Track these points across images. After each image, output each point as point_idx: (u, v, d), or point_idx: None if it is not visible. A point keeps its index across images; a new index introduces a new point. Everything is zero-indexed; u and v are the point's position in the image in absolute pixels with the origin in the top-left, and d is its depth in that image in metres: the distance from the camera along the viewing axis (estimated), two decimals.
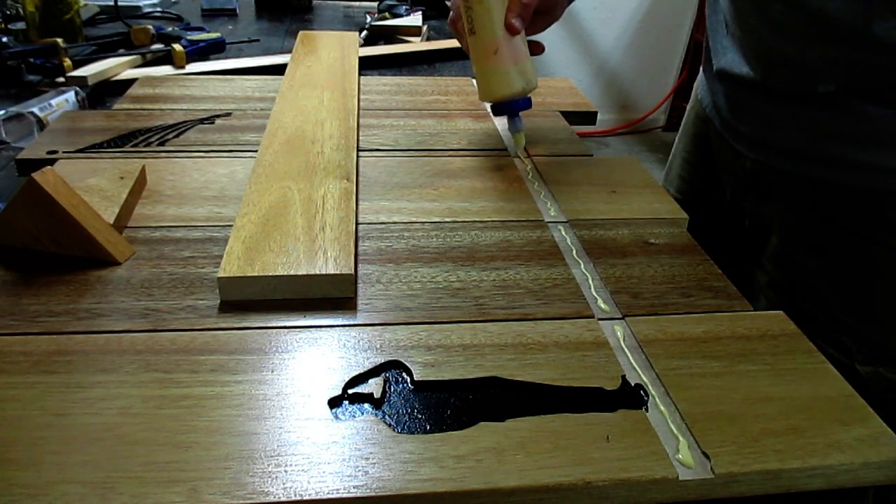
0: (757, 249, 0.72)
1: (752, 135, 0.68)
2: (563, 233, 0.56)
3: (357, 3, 1.57)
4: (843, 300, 0.64)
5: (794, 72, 0.60)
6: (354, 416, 0.37)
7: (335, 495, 0.32)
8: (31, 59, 0.93)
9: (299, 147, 0.64)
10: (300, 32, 1.07)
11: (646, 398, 0.39)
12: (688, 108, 0.85)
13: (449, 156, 0.69)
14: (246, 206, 0.53)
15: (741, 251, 0.73)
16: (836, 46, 0.56)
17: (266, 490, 0.32)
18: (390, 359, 0.41)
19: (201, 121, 0.74)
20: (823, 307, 0.65)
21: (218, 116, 0.75)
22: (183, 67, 0.99)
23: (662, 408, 0.38)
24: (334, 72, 0.88)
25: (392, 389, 0.39)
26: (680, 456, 0.35)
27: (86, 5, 1.24)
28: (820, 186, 0.63)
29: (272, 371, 0.39)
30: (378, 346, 0.42)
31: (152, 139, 0.69)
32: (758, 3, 0.61)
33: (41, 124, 0.75)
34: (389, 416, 0.37)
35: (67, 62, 0.92)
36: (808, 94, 0.60)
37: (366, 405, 0.37)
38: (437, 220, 0.57)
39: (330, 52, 0.97)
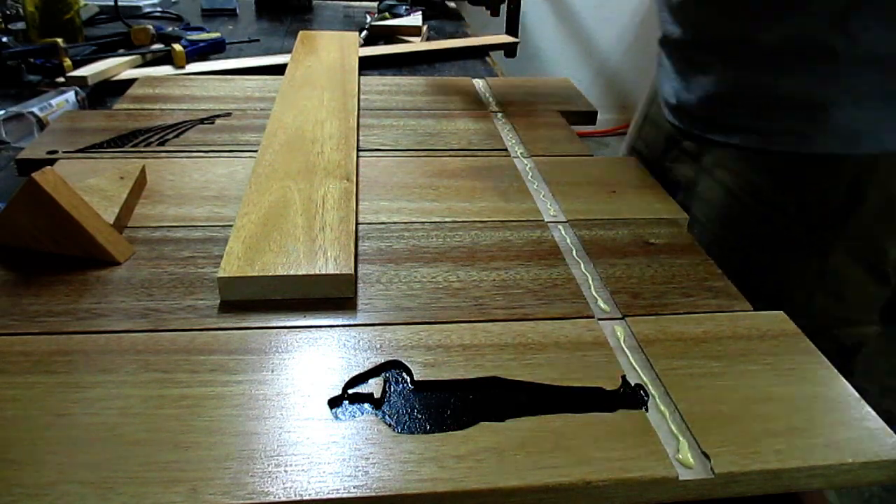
0: None
1: (670, 98, 0.73)
2: (563, 233, 0.56)
3: (357, 3, 1.57)
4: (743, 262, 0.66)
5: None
6: (354, 416, 0.37)
7: (335, 495, 0.32)
8: (32, 59, 0.93)
9: (299, 147, 0.64)
10: (300, 32, 1.08)
11: (646, 398, 0.39)
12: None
13: (449, 156, 0.69)
14: (246, 206, 0.53)
15: None
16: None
17: (266, 490, 0.32)
18: (390, 359, 0.41)
19: (201, 121, 0.74)
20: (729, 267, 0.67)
21: (218, 116, 0.75)
22: (183, 67, 0.99)
23: (662, 408, 0.38)
24: (334, 72, 0.88)
25: (392, 389, 0.39)
26: (680, 456, 0.35)
27: (86, 5, 1.24)
28: (729, 150, 0.67)
29: (272, 371, 0.39)
30: (378, 346, 0.42)
31: (152, 139, 0.69)
32: None
33: (41, 124, 0.75)
34: (389, 416, 0.37)
35: (67, 62, 0.92)
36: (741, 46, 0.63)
37: (366, 405, 0.37)
38: (437, 220, 0.57)
39: (330, 52, 0.97)
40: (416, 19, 1.26)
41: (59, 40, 0.93)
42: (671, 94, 0.73)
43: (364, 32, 1.23)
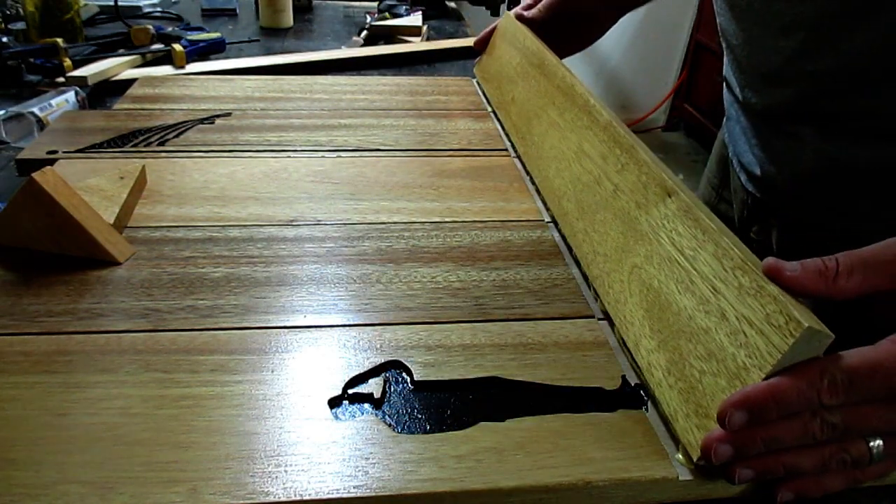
0: None
1: (751, 168, 0.65)
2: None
3: (357, 3, 1.57)
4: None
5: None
6: (354, 416, 0.37)
7: (335, 495, 0.32)
8: (32, 59, 0.93)
9: (592, 200, 0.51)
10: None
11: (646, 398, 0.39)
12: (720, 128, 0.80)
13: (449, 156, 0.69)
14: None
15: None
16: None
17: (266, 490, 0.32)
18: (390, 359, 0.41)
19: (201, 121, 0.74)
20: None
21: (218, 116, 0.75)
22: (183, 67, 0.99)
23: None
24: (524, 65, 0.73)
25: (392, 389, 0.39)
26: (680, 456, 0.35)
27: (86, 5, 1.24)
28: (816, 232, 0.60)
29: (272, 371, 0.39)
30: (378, 346, 0.42)
31: (152, 139, 0.69)
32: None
33: (41, 124, 0.75)
34: (389, 416, 0.37)
35: (67, 62, 0.92)
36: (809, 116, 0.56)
37: (366, 405, 0.37)
38: (437, 220, 0.57)
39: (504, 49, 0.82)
40: (416, 19, 1.26)
41: (59, 40, 0.93)
42: (752, 164, 0.64)
43: (364, 32, 1.23)
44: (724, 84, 0.70)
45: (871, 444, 0.31)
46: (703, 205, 0.41)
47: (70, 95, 0.81)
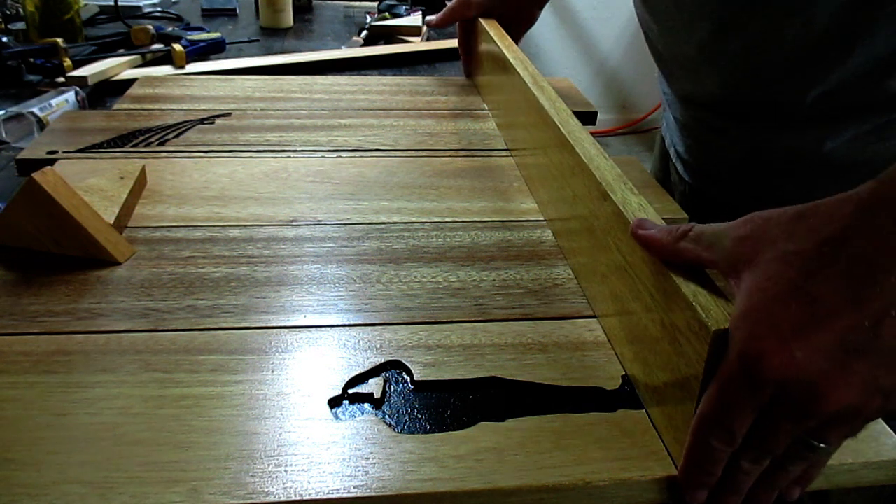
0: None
1: (685, 156, 0.66)
2: None
3: (357, 3, 1.57)
4: None
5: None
6: (354, 416, 0.37)
7: (335, 495, 0.32)
8: (31, 59, 0.93)
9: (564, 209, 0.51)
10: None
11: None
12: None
13: (449, 156, 0.69)
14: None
15: None
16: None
17: (266, 490, 0.32)
18: (390, 359, 0.41)
19: (201, 121, 0.74)
20: None
21: (218, 116, 0.75)
22: (183, 67, 0.99)
23: None
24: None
25: (392, 389, 0.39)
26: None
27: (86, 5, 1.24)
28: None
29: (272, 371, 0.39)
30: (378, 346, 0.42)
31: (152, 139, 0.69)
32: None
33: (41, 124, 0.75)
34: (389, 416, 0.37)
35: (67, 62, 0.92)
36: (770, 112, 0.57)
37: (366, 405, 0.37)
38: (437, 220, 0.56)
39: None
40: (416, 19, 1.26)
41: (59, 40, 0.93)
42: (685, 153, 0.66)
43: (364, 32, 1.23)
44: (658, 75, 0.71)
45: (819, 445, 0.30)
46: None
47: (70, 95, 0.81)
